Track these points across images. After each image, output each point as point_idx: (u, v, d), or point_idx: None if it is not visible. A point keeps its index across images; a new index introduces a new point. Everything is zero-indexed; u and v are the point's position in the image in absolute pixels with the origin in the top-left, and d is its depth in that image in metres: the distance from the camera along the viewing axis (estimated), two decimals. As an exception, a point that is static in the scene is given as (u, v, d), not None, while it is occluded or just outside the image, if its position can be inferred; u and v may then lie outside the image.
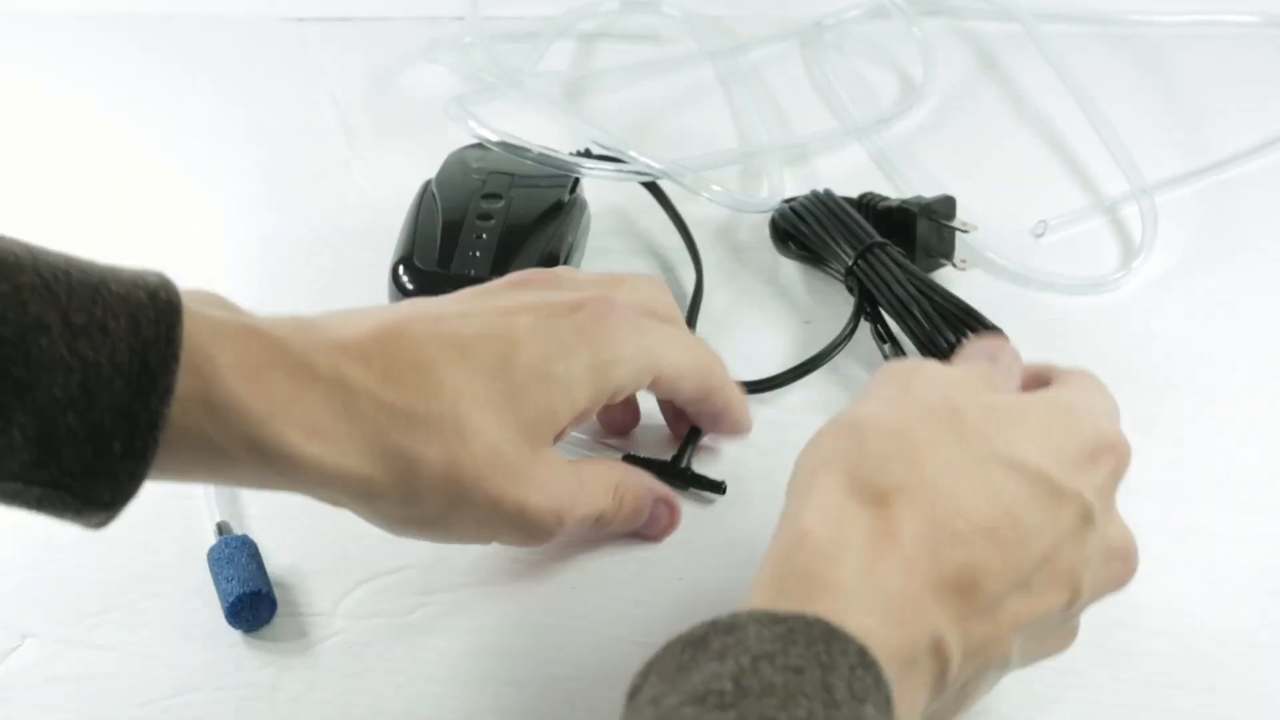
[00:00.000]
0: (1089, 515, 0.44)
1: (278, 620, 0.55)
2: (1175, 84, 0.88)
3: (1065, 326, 0.69)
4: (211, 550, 0.56)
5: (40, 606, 0.56)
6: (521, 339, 0.50)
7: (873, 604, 0.40)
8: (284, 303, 0.70)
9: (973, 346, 0.52)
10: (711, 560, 0.57)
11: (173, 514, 0.58)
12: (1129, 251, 0.74)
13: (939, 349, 0.63)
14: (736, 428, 0.60)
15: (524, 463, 0.49)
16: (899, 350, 0.65)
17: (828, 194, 0.71)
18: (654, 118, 0.86)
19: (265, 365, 0.44)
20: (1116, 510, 0.47)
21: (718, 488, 0.59)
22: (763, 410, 0.64)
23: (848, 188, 0.73)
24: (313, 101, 0.87)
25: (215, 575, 0.55)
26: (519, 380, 0.49)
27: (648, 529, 0.57)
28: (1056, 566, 0.43)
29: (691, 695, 0.35)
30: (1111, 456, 0.46)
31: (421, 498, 0.48)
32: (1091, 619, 0.53)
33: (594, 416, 0.57)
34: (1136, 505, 0.58)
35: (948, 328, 0.63)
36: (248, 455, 0.44)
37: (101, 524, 0.43)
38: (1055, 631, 0.46)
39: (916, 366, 0.48)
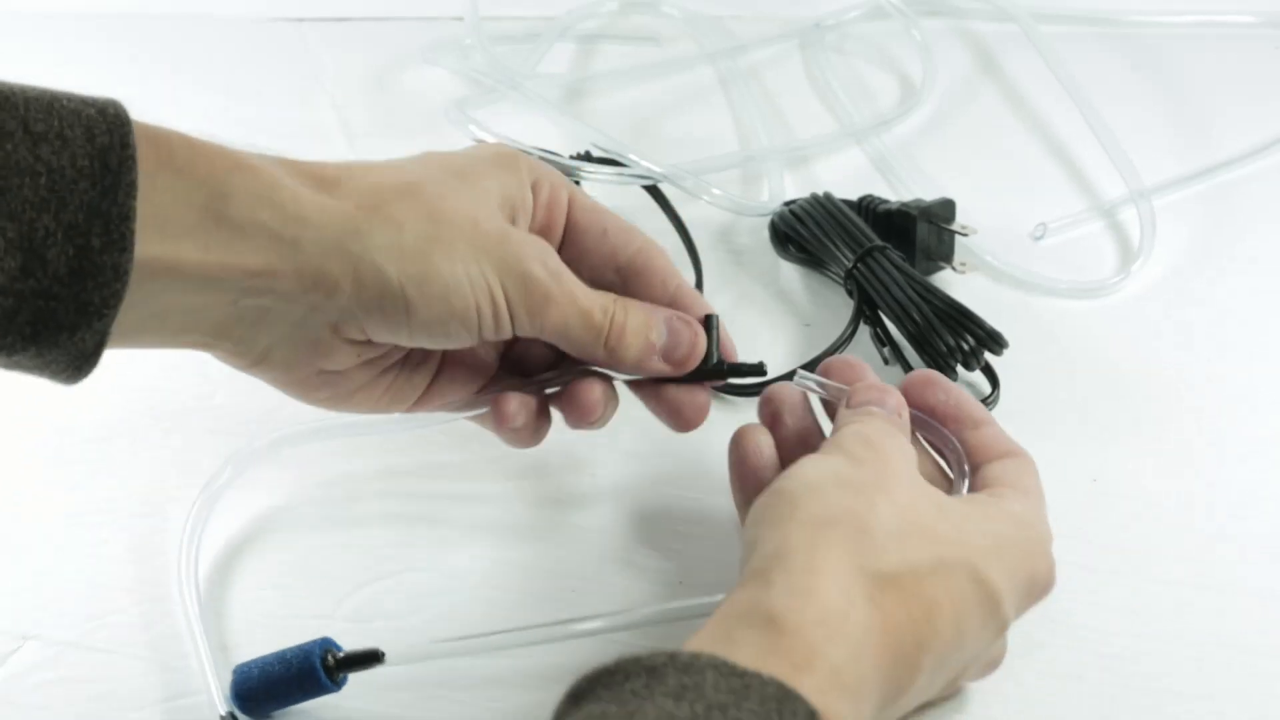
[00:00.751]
0: (1001, 635, 0.47)
1: (280, 622, 0.55)
2: (1174, 85, 0.88)
3: (1064, 330, 0.69)
4: None
5: (40, 609, 0.56)
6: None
7: (844, 689, 0.41)
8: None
9: (870, 393, 0.52)
10: (711, 563, 0.57)
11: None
12: (1128, 255, 0.74)
13: (938, 352, 0.63)
14: (677, 295, 0.54)
15: (490, 207, 0.50)
16: (898, 353, 0.65)
17: (827, 197, 0.71)
18: (654, 119, 0.86)
19: (217, 146, 0.47)
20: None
21: (756, 370, 0.55)
22: (762, 413, 0.64)
23: (847, 190, 0.73)
24: (312, 102, 0.87)
25: None
26: (428, 167, 0.51)
27: (671, 354, 0.53)
28: (961, 670, 0.47)
29: None
30: (1043, 595, 0.49)
31: (402, 224, 0.47)
32: (1088, 623, 0.54)
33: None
34: (1136, 507, 0.59)
35: (946, 331, 0.63)
36: (231, 200, 0.45)
37: (92, 355, 0.44)
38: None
39: (888, 435, 0.49)
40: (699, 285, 0.71)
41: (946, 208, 0.70)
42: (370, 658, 0.50)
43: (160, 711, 0.52)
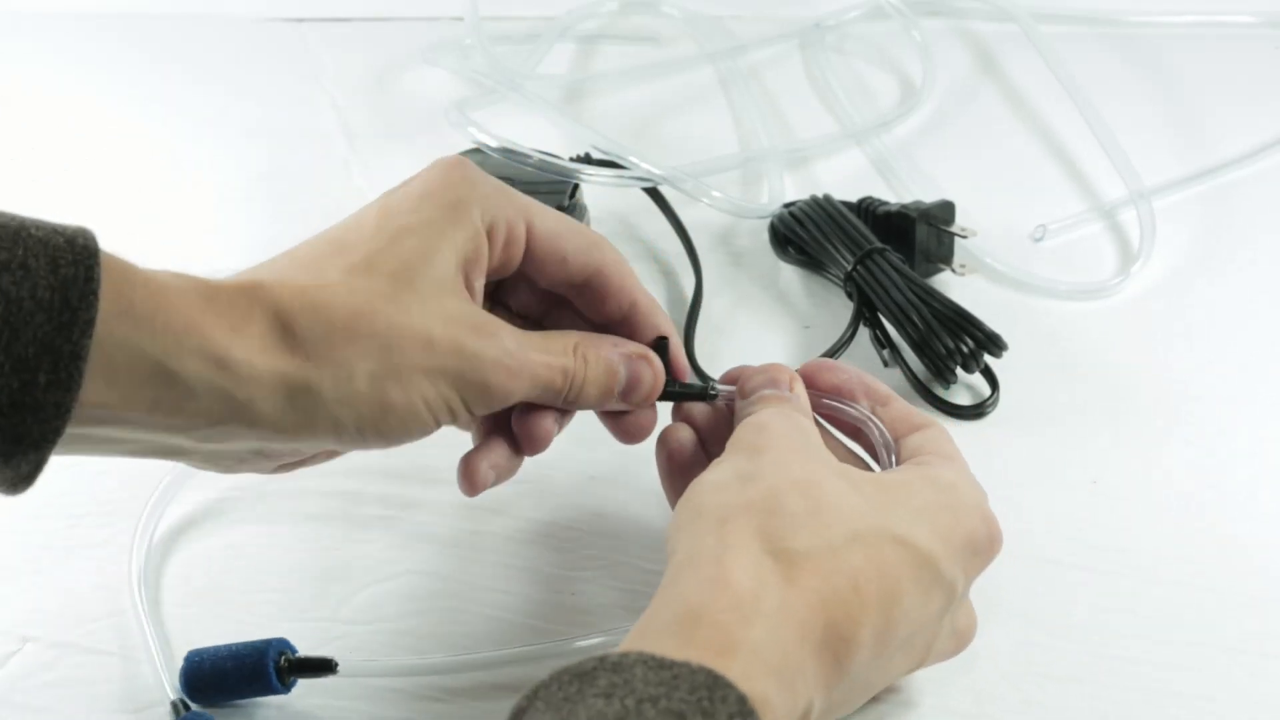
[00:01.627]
0: (953, 600, 0.47)
1: (282, 623, 0.55)
2: (1174, 85, 0.88)
3: (1064, 332, 0.69)
4: None
5: (40, 611, 0.56)
6: (369, 213, 0.51)
7: (771, 668, 0.41)
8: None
9: (758, 376, 0.53)
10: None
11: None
12: (1128, 256, 0.74)
13: (937, 354, 0.63)
14: (653, 334, 0.54)
15: (442, 299, 0.49)
16: (898, 355, 0.65)
17: (827, 199, 0.71)
18: (654, 120, 0.86)
19: (181, 288, 0.45)
20: (969, 596, 0.49)
21: (702, 394, 0.55)
22: (762, 415, 0.64)
23: (847, 192, 0.73)
24: (313, 103, 0.87)
25: None
26: (379, 246, 0.49)
27: (631, 395, 0.53)
28: (915, 641, 0.47)
29: None
30: (990, 550, 0.49)
31: (353, 369, 0.47)
32: (1088, 625, 0.54)
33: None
34: (1137, 508, 0.59)
35: (946, 333, 0.63)
36: (184, 367, 0.44)
37: (29, 475, 0.43)
38: (888, 686, 0.49)
39: (782, 419, 0.49)
40: (699, 287, 0.71)
41: (946, 210, 0.70)
42: (323, 666, 0.51)
43: (160, 713, 0.52)
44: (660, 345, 0.54)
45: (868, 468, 0.52)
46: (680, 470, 0.53)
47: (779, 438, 0.48)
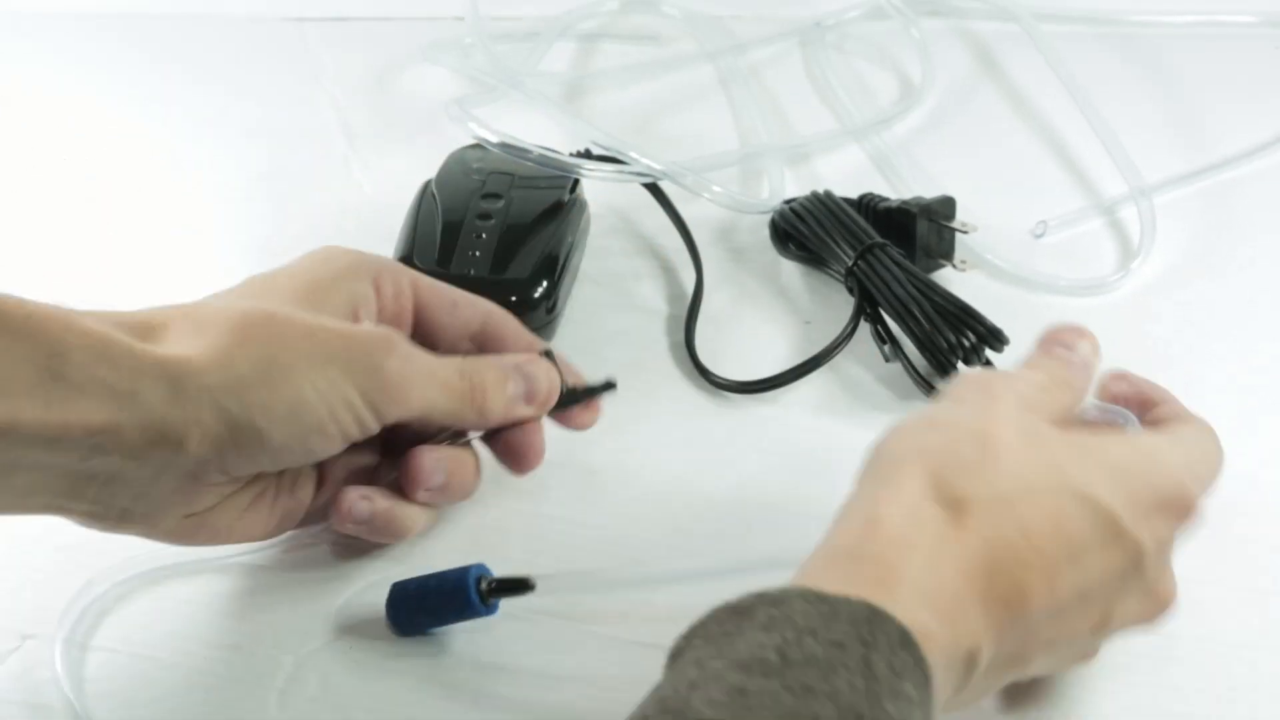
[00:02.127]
0: (1140, 562, 0.45)
1: (279, 622, 0.55)
2: (1174, 84, 0.88)
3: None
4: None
5: (41, 608, 0.55)
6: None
7: (930, 602, 0.41)
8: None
9: (1050, 335, 0.53)
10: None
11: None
12: (1128, 253, 0.74)
13: (939, 349, 0.63)
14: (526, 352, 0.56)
15: (326, 312, 0.51)
16: (899, 350, 0.65)
17: (828, 195, 0.71)
18: (654, 118, 0.86)
19: (55, 306, 0.46)
20: (1170, 563, 0.48)
21: (608, 385, 0.58)
22: (763, 410, 0.64)
23: (847, 188, 0.73)
24: (313, 102, 0.87)
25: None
26: (268, 284, 0.53)
27: (533, 396, 0.55)
28: (1093, 598, 0.45)
29: (736, 661, 0.37)
30: (1179, 512, 0.47)
31: (234, 357, 0.47)
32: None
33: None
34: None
35: (948, 328, 0.63)
36: (64, 359, 0.44)
37: None
38: (1076, 651, 0.47)
39: (1001, 376, 0.50)
40: (699, 283, 0.71)
41: (947, 205, 0.70)
42: (520, 585, 0.52)
43: (161, 710, 0.52)
44: (548, 357, 0.56)
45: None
46: None
47: (981, 391, 0.48)
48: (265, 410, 0.47)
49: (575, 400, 0.57)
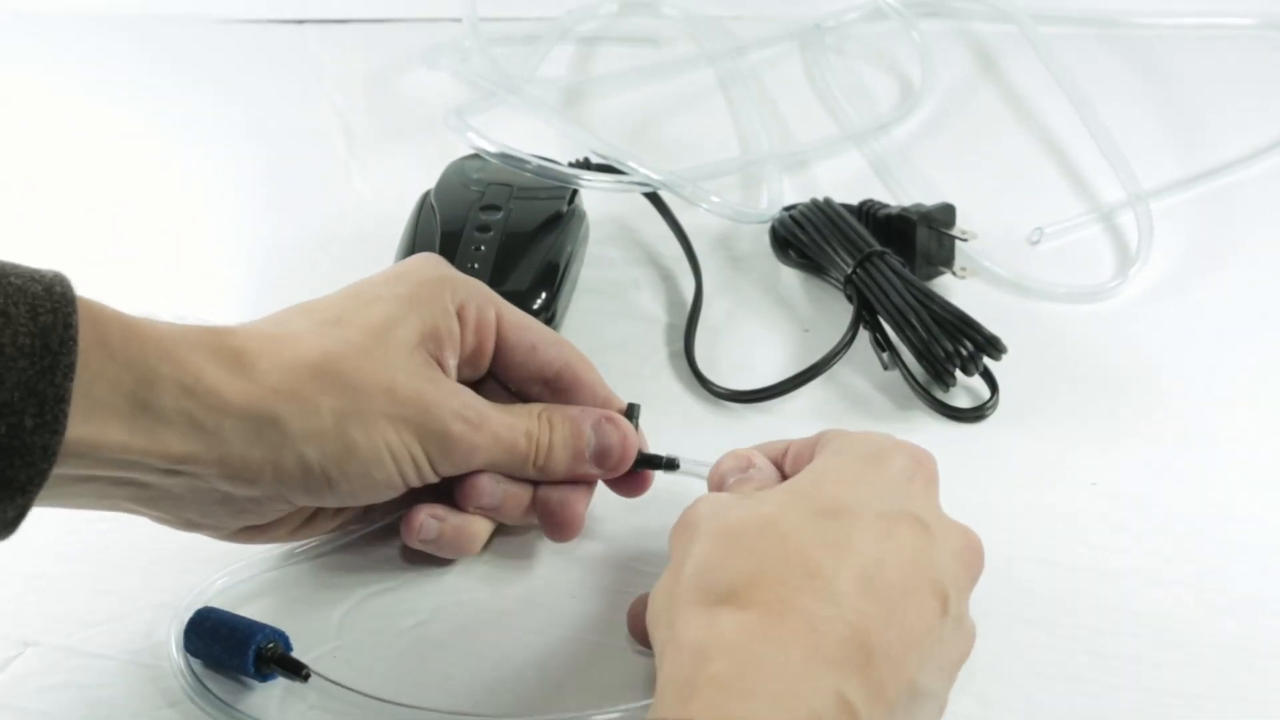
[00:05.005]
0: (924, 525, 0.46)
1: (281, 621, 0.55)
2: (1173, 87, 0.88)
3: (1063, 334, 0.69)
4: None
5: (41, 615, 0.56)
6: (341, 290, 0.54)
7: (753, 691, 0.40)
8: (282, 307, 0.70)
9: (722, 466, 0.54)
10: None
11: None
12: (1126, 259, 0.74)
13: (936, 358, 0.63)
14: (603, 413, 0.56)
15: (408, 358, 0.51)
16: (897, 359, 0.65)
17: (827, 202, 0.72)
18: (653, 122, 0.86)
19: (152, 325, 0.47)
20: (944, 512, 0.49)
21: (669, 464, 0.57)
22: (762, 419, 0.64)
23: (846, 195, 0.73)
24: (313, 105, 0.87)
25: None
26: (349, 309, 0.52)
27: (603, 459, 0.55)
28: (917, 584, 0.45)
29: None
30: (910, 465, 0.48)
31: (318, 406, 0.49)
32: (1090, 626, 0.54)
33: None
34: (1136, 510, 0.59)
35: (945, 336, 0.63)
36: (156, 391, 0.46)
37: (13, 521, 0.44)
38: (948, 644, 0.46)
39: (708, 504, 0.49)
40: (699, 291, 0.71)
41: (946, 212, 0.70)
42: (295, 668, 0.52)
43: (162, 718, 0.52)
44: (631, 412, 0.56)
45: None
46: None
47: (696, 519, 0.48)
48: (338, 462, 0.50)
49: (637, 467, 0.56)
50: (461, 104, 0.79)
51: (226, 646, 0.52)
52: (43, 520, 0.59)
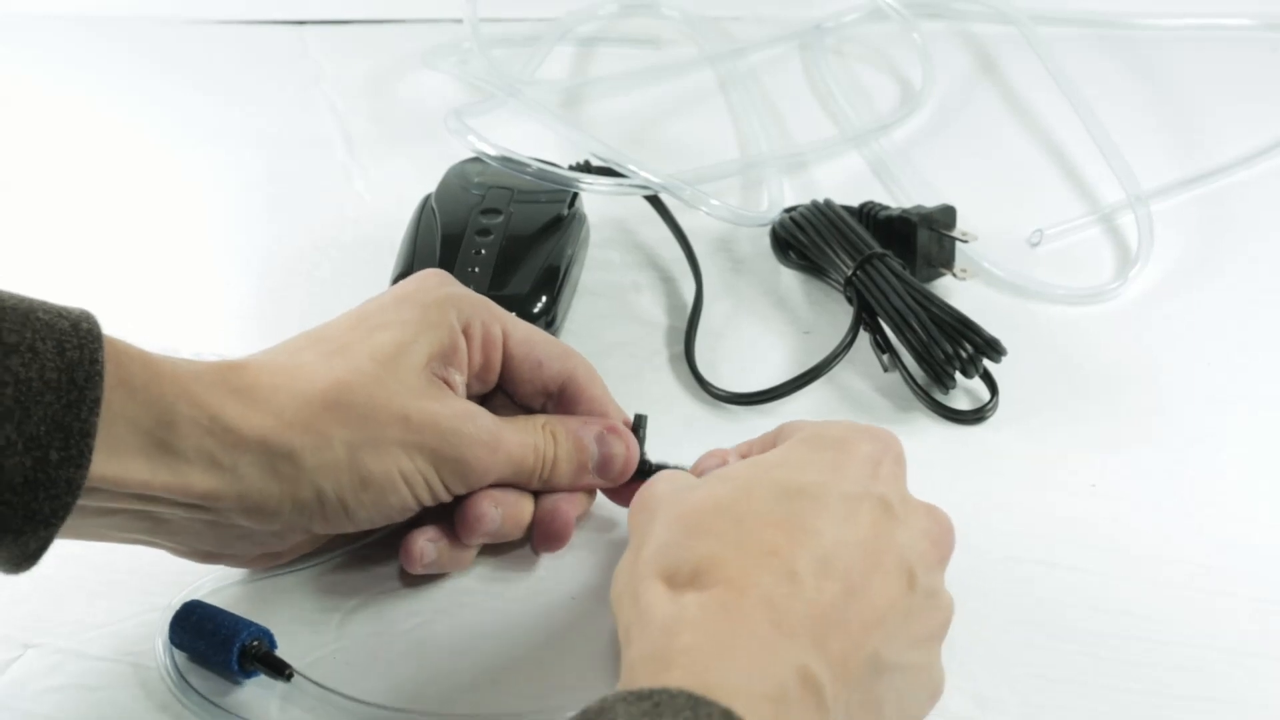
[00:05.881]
0: (888, 506, 0.46)
1: (274, 630, 0.55)
2: (1173, 88, 0.88)
3: (1063, 336, 0.69)
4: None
5: (41, 618, 0.56)
6: (347, 315, 0.54)
7: (724, 661, 0.41)
8: (282, 314, 0.70)
9: (701, 464, 0.55)
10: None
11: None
12: (1126, 260, 0.74)
13: (936, 360, 0.63)
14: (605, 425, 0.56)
15: (418, 382, 0.52)
16: (897, 361, 0.65)
17: (828, 204, 0.72)
18: (653, 124, 0.86)
19: (172, 364, 0.48)
20: (910, 494, 0.49)
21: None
22: (763, 421, 0.64)
23: (845, 197, 0.73)
24: (312, 107, 0.87)
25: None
26: (356, 337, 0.53)
27: (606, 470, 0.56)
28: (879, 562, 0.45)
29: None
30: (877, 450, 0.49)
31: (331, 438, 0.50)
32: (1089, 628, 0.54)
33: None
34: (1136, 511, 0.59)
35: (945, 338, 0.64)
36: (177, 429, 0.47)
37: (35, 554, 0.45)
38: (917, 617, 0.46)
39: (662, 483, 0.50)
40: (699, 293, 0.71)
41: (947, 214, 0.70)
42: (279, 667, 0.52)
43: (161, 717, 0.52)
44: (639, 423, 0.57)
45: None
46: None
47: (656, 499, 0.48)
48: (354, 491, 0.51)
49: (641, 475, 0.56)
50: (461, 106, 0.79)
51: (211, 642, 0.52)
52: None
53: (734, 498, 0.46)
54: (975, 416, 0.64)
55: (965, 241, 0.70)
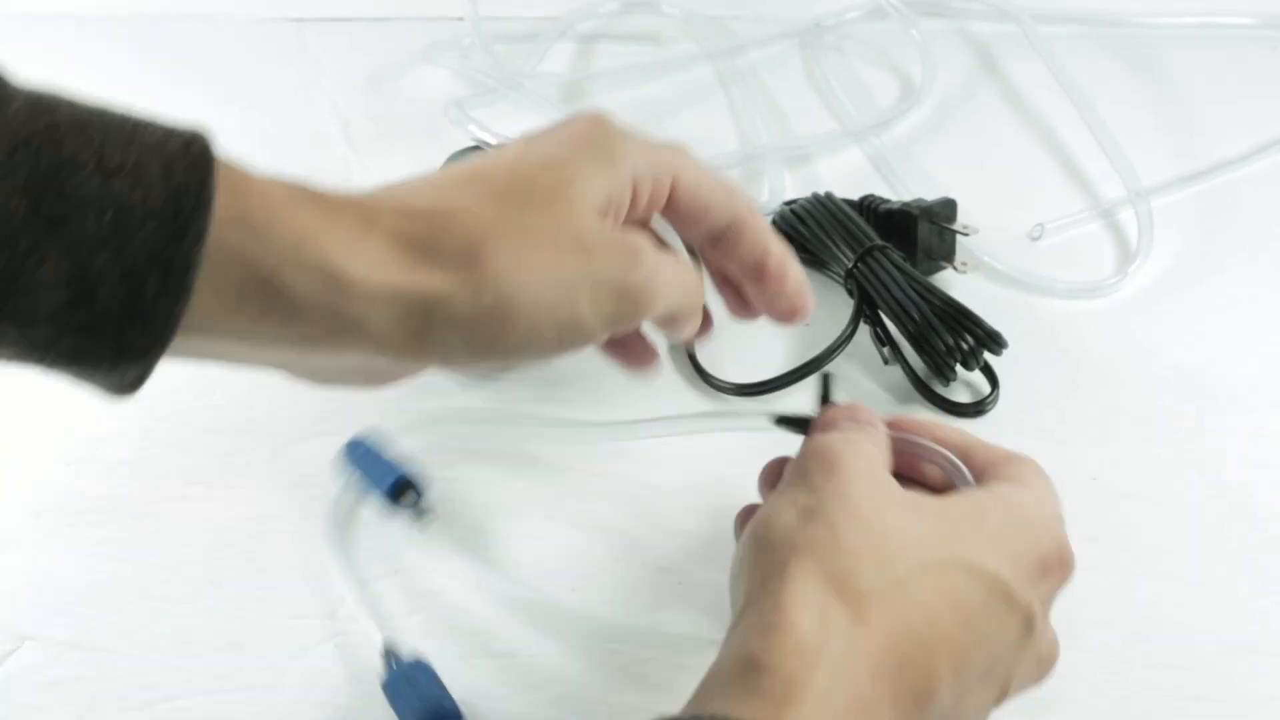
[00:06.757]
0: (1031, 625, 0.45)
1: (276, 622, 0.55)
2: (1173, 86, 0.88)
3: (1063, 330, 0.69)
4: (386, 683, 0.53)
5: (38, 609, 0.56)
6: (506, 151, 0.49)
7: (844, 715, 0.40)
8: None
9: (839, 410, 0.51)
10: (708, 563, 0.57)
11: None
12: (1126, 256, 0.74)
13: (937, 352, 0.63)
14: (785, 287, 0.53)
15: (590, 219, 0.46)
16: (898, 352, 0.65)
17: (829, 196, 0.71)
18: (653, 118, 0.86)
19: (297, 200, 0.43)
20: (1049, 620, 0.48)
21: (806, 425, 0.53)
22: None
23: (846, 191, 0.73)
24: (312, 103, 0.87)
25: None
26: (524, 175, 0.47)
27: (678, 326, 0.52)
28: (995, 670, 0.44)
29: None
30: (1061, 572, 0.47)
31: (487, 253, 0.44)
32: (1089, 623, 0.54)
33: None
34: (1136, 505, 0.59)
35: (946, 331, 0.63)
36: (295, 279, 0.42)
37: (134, 382, 0.41)
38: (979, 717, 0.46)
39: (842, 442, 0.47)
40: (699, 285, 0.70)
41: (948, 207, 0.70)
42: (417, 495, 0.59)
43: (160, 712, 0.52)
44: (826, 382, 0.53)
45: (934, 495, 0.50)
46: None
47: (842, 466, 0.46)
48: (540, 334, 0.46)
49: (779, 424, 0.54)
50: (462, 98, 0.79)
51: (372, 471, 0.59)
52: (41, 513, 0.60)
53: (935, 539, 0.44)
54: (975, 410, 0.64)
55: (966, 234, 0.70)
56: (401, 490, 0.58)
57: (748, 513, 0.51)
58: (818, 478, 0.46)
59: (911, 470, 0.50)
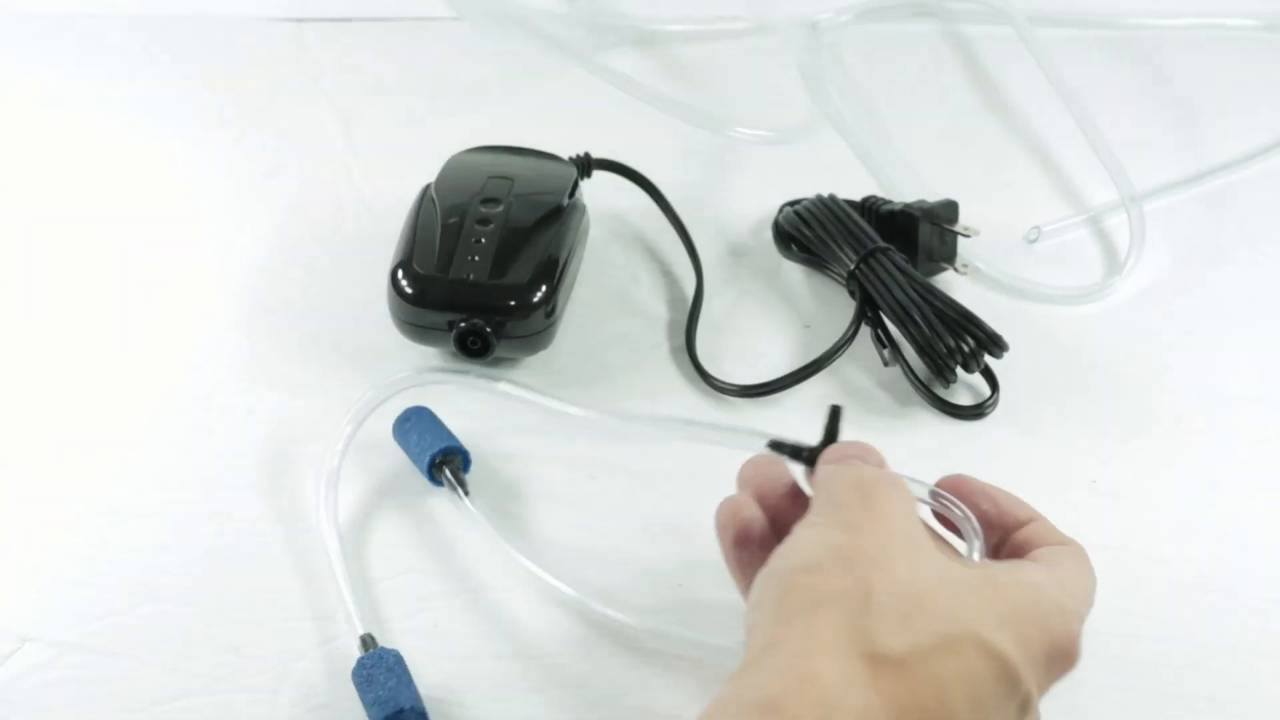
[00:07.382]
0: (1027, 709, 0.44)
1: (276, 625, 0.55)
2: (1169, 89, 0.88)
3: (1062, 333, 0.69)
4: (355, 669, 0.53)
5: (39, 611, 0.56)
6: None
7: None
8: (282, 306, 0.70)
9: (842, 448, 0.50)
10: (708, 563, 0.57)
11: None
12: (1120, 259, 0.73)
13: (938, 354, 0.63)
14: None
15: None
16: (899, 354, 0.65)
17: (831, 198, 0.71)
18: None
19: None
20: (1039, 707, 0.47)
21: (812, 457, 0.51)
22: (763, 413, 0.64)
23: (840, 193, 0.73)
24: (312, 103, 0.87)
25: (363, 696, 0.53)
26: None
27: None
28: None
29: None
30: (1066, 664, 0.46)
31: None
32: (1088, 626, 0.53)
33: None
34: (1135, 508, 0.59)
35: (947, 333, 0.63)
36: None
37: None
38: None
39: (881, 480, 0.47)
40: (699, 285, 0.71)
41: (949, 209, 0.70)
42: (458, 477, 0.60)
43: (160, 713, 0.52)
44: (834, 415, 0.52)
45: (958, 554, 0.49)
46: (750, 550, 0.49)
47: (882, 514, 0.45)
48: None
49: (777, 449, 0.52)
50: (462, 98, 0.79)
51: (414, 444, 0.60)
52: (41, 514, 0.60)
53: (961, 610, 0.43)
54: (975, 412, 0.64)
55: (967, 236, 0.70)
56: (447, 460, 0.60)
57: (731, 510, 0.50)
58: (855, 514, 0.45)
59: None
